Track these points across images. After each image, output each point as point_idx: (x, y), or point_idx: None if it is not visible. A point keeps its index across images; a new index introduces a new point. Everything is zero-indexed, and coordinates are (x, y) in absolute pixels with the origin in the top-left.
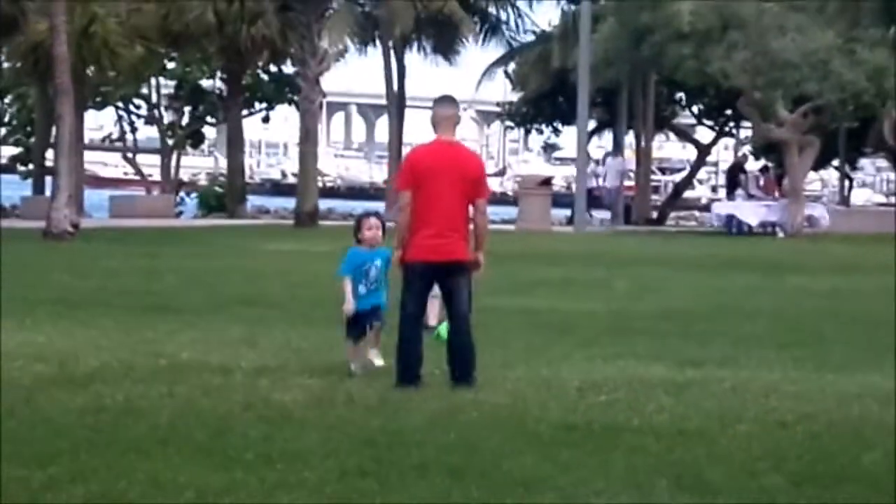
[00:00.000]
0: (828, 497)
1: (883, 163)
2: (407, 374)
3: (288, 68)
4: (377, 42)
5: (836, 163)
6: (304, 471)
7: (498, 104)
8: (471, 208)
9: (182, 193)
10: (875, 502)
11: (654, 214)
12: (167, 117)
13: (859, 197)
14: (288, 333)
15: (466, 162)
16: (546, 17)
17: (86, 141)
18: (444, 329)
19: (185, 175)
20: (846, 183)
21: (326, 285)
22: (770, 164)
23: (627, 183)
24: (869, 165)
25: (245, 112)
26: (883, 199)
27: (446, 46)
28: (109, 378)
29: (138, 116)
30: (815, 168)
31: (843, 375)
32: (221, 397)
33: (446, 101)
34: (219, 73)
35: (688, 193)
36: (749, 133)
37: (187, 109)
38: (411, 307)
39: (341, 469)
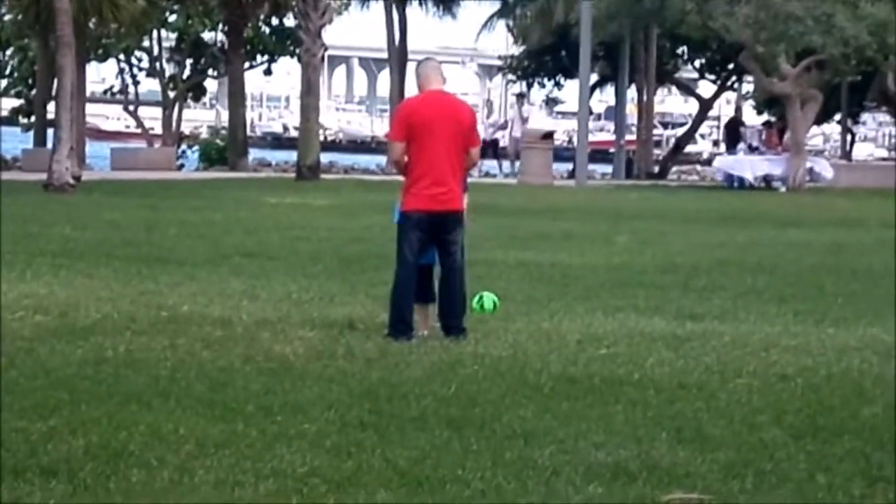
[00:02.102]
0: (827, 450)
1: (885, 117)
2: (400, 325)
3: (289, 21)
4: None
5: (838, 117)
6: (304, 423)
7: (500, 58)
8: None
9: (183, 146)
10: (874, 455)
11: (656, 169)
12: (168, 70)
13: (861, 151)
14: (288, 286)
15: (459, 111)
16: None
17: (87, 93)
18: (487, 300)
19: (186, 128)
20: (848, 137)
21: (327, 238)
22: (772, 119)
23: (629, 137)
24: (871, 120)
25: (246, 65)
26: (885, 154)
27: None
28: (110, 329)
29: (140, 69)
30: (818, 122)
31: (843, 329)
32: (222, 349)
33: (429, 59)
34: (220, 26)
35: (689, 148)
36: (751, 87)
37: (189, 62)
38: (408, 256)
39: (341, 421)
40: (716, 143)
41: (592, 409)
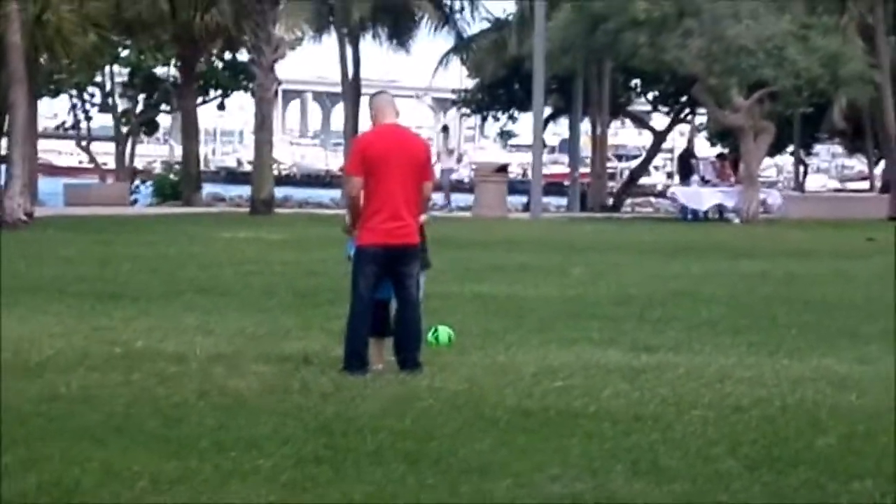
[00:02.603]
0: (782, 481)
1: (838, 149)
2: (355, 359)
3: (243, 56)
4: (332, 29)
5: (791, 149)
6: (259, 458)
7: (454, 91)
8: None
9: (137, 181)
10: (829, 486)
11: (610, 201)
12: (121, 105)
13: (814, 183)
14: (242, 321)
15: (414, 145)
16: (500, 5)
17: (40, 129)
18: (442, 334)
19: (139, 163)
20: (801, 169)
21: (281, 272)
22: (726, 151)
23: (583, 170)
24: (824, 151)
25: (200, 100)
26: (838, 185)
27: (401, 34)
28: (64, 366)
29: (92, 104)
30: (771, 154)
31: (797, 360)
32: (176, 385)
33: (382, 92)
34: (173, 61)
35: (644, 180)
36: (704, 119)
37: (141, 97)
38: (363, 290)
39: (296, 456)
40: (670, 176)
41: (548, 441)
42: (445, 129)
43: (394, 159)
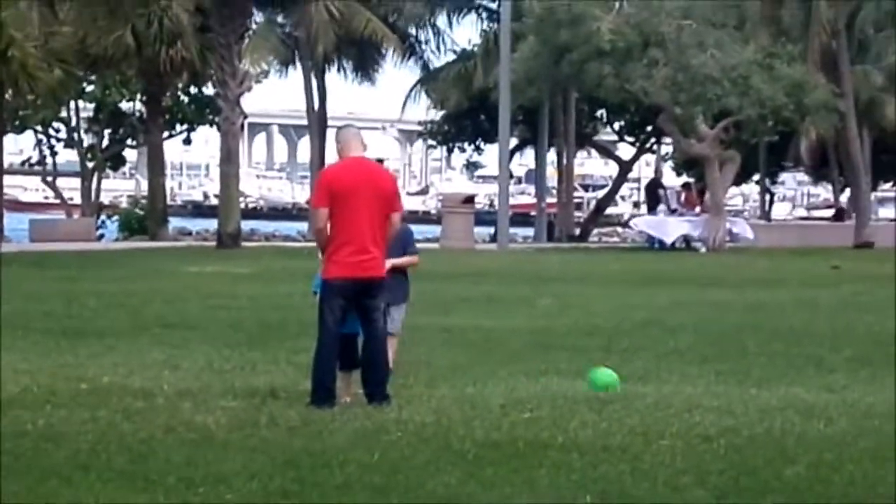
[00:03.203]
0: None
1: (803, 177)
2: (322, 392)
3: (208, 90)
4: (298, 62)
5: (756, 177)
6: (227, 493)
7: (420, 123)
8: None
9: (103, 216)
10: None
11: (577, 231)
12: (87, 140)
13: (780, 211)
14: (210, 355)
15: (380, 178)
16: (466, 36)
17: (5, 165)
18: (604, 376)
19: (105, 198)
20: (767, 197)
21: (248, 306)
22: (691, 180)
23: (550, 200)
24: (790, 179)
25: (165, 134)
26: (804, 213)
27: (367, 66)
28: (30, 403)
29: (58, 140)
30: (737, 183)
31: (766, 389)
32: (143, 421)
33: (348, 125)
34: (138, 96)
35: (610, 209)
36: (670, 149)
37: (107, 132)
38: (330, 324)
39: (264, 491)
40: (636, 205)
41: (517, 473)
42: (380, 161)
43: (360, 192)
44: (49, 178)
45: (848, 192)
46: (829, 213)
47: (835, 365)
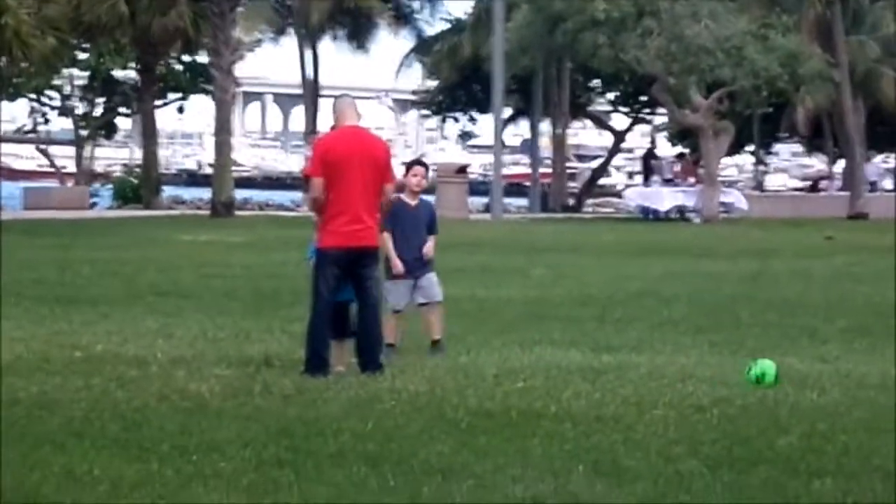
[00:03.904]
0: (743, 481)
1: (797, 147)
2: (316, 360)
3: (202, 58)
4: (291, 31)
5: (750, 148)
6: (221, 461)
7: (414, 93)
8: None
9: (97, 185)
10: (790, 485)
11: (571, 201)
12: (80, 108)
13: (774, 182)
14: (203, 324)
15: (375, 148)
16: (460, 6)
17: None
18: (767, 368)
19: (99, 166)
20: (761, 168)
21: (242, 275)
22: (686, 151)
23: (544, 170)
24: (784, 150)
25: (159, 102)
26: (798, 184)
27: (360, 35)
28: (23, 370)
29: (51, 108)
30: (730, 153)
31: (760, 358)
32: (137, 389)
33: (345, 95)
34: (132, 64)
35: (604, 180)
36: (664, 119)
37: (101, 100)
38: (324, 292)
39: (258, 459)
40: (630, 176)
41: (510, 443)
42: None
43: (355, 162)
44: (43, 147)
45: (842, 162)
46: (824, 183)
47: (828, 335)
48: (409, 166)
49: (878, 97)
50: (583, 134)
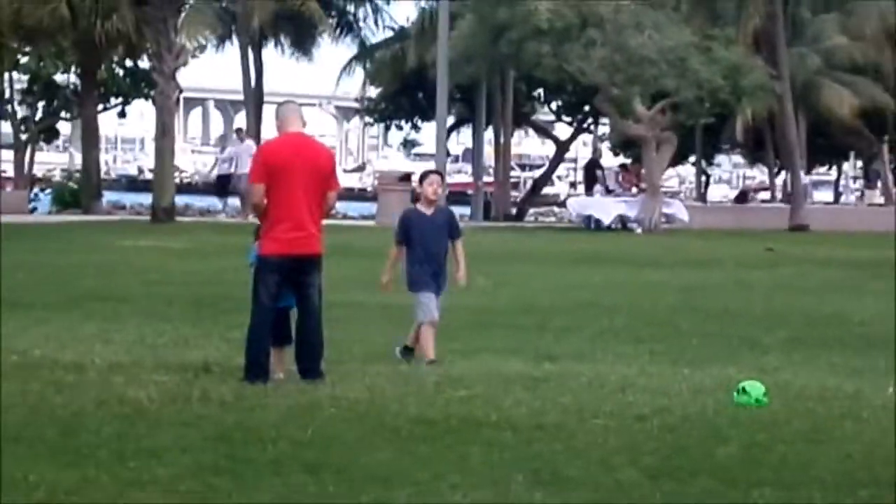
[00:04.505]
0: (683, 490)
1: (739, 159)
2: (255, 367)
3: (144, 63)
4: (235, 37)
5: (693, 159)
6: (158, 468)
7: (357, 100)
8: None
9: (36, 189)
10: (729, 494)
11: (514, 210)
12: (20, 112)
13: (716, 193)
14: (142, 329)
15: (319, 155)
16: (404, 14)
17: None
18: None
19: (39, 171)
20: (703, 179)
21: (181, 281)
22: (628, 161)
23: (487, 179)
24: (726, 162)
25: (100, 107)
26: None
27: (304, 42)
28: None
29: None
30: (673, 164)
31: (699, 369)
32: (74, 394)
33: (289, 101)
34: (73, 68)
35: (547, 189)
36: (608, 129)
37: (41, 104)
38: (265, 299)
39: (196, 466)
40: (573, 185)
41: (450, 450)
42: (239, 131)
43: (298, 168)
44: None
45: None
46: (765, 195)
47: (768, 346)
48: (423, 176)
49: (820, 109)
50: (526, 143)
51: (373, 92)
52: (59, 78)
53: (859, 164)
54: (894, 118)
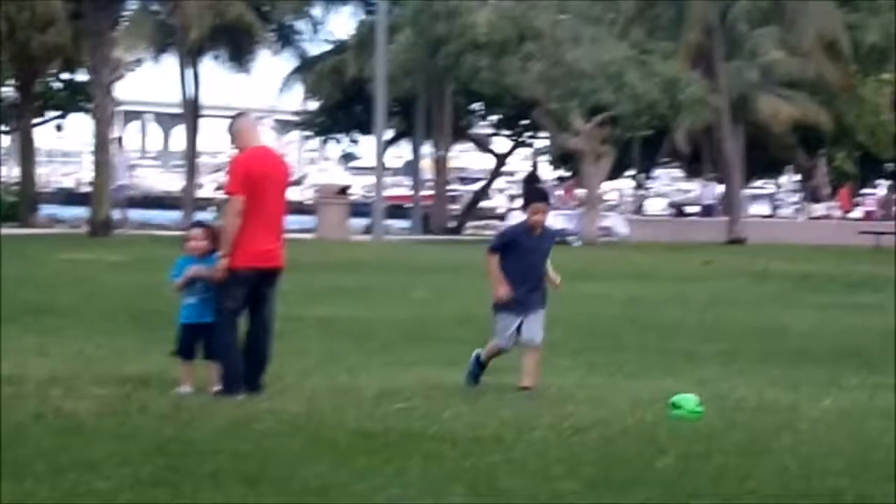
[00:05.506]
0: (621, 501)
1: (677, 172)
2: (235, 380)
3: (81, 76)
4: (173, 50)
5: (631, 172)
6: (97, 481)
7: (295, 113)
8: None
9: None
10: None
11: (453, 224)
12: None
13: (654, 206)
14: (80, 342)
15: (285, 168)
16: (343, 27)
17: None
18: (686, 402)
19: None
20: (641, 192)
21: (119, 294)
22: (567, 175)
23: (426, 192)
24: (664, 175)
25: (38, 120)
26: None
27: (241, 55)
28: None
29: None
30: (611, 177)
31: (637, 381)
32: (12, 408)
33: (244, 114)
34: (10, 81)
35: (485, 203)
36: (546, 143)
37: None
38: (233, 313)
39: (135, 478)
40: (512, 199)
41: (389, 463)
42: (119, 139)
43: (271, 181)
44: None
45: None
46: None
47: (706, 358)
48: (526, 202)
49: (757, 122)
50: (465, 156)
51: (311, 105)
52: None
53: (796, 177)
54: (830, 132)
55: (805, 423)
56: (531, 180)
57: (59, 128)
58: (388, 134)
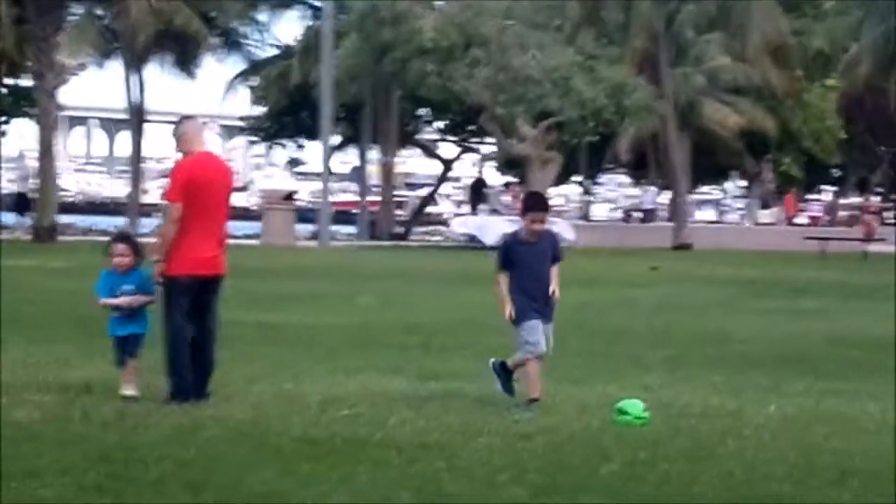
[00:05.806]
0: None
1: (624, 178)
2: (181, 387)
3: (25, 81)
4: (117, 55)
5: (578, 178)
6: (40, 488)
7: (241, 119)
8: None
9: None
10: None
11: (399, 229)
12: None
13: (601, 212)
14: (23, 349)
15: (228, 174)
16: (289, 32)
17: None
18: (632, 408)
19: None
20: (588, 198)
21: (62, 301)
22: (514, 180)
23: (372, 198)
24: (611, 181)
25: None
26: (621, 215)
27: (186, 60)
28: None
29: None
30: (558, 183)
31: (584, 387)
32: None
33: (190, 118)
34: None
35: (432, 208)
36: (493, 149)
37: None
38: (180, 321)
39: (78, 485)
40: (458, 205)
41: (334, 470)
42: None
43: (213, 188)
44: None
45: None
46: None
47: (652, 364)
48: (525, 208)
49: (703, 128)
50: (411, 162)
51: (257, 110)
52: None
53: (742, 182)
54: (776, 137)
55: (749, 429)
56: (478, 186)
57: (1, 133)
58: (335, 139)
